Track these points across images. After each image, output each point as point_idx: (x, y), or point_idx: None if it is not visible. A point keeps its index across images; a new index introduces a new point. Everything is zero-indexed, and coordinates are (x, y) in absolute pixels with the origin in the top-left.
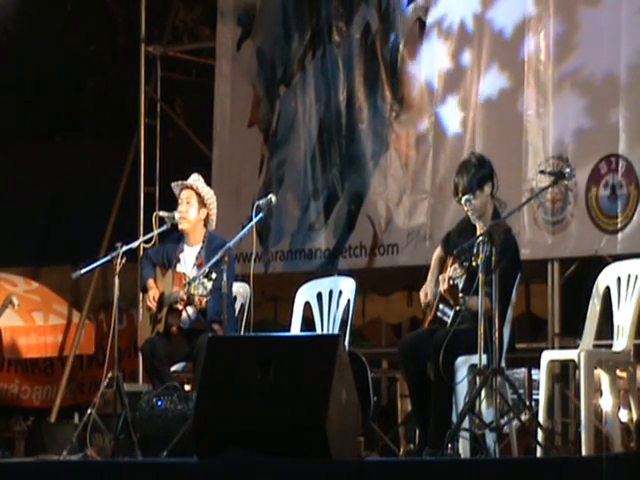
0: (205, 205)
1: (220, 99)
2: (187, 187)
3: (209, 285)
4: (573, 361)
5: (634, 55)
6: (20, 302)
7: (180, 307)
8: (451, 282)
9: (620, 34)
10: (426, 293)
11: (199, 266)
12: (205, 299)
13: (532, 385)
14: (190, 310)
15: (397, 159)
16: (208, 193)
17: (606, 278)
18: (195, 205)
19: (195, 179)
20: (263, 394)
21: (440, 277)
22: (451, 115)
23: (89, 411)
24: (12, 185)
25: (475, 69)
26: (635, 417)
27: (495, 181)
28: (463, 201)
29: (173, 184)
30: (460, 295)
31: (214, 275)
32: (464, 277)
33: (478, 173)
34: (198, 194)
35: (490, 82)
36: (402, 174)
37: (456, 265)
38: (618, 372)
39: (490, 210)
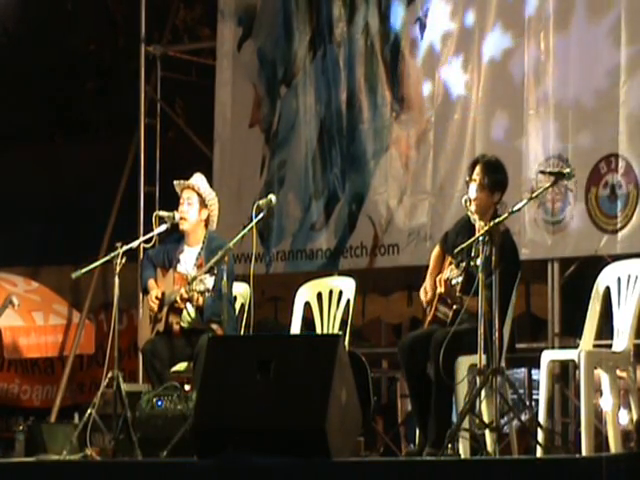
0: (206, 206)
1: (221, 99)
2: (188, 187)
3: (208, 282)
4: (573, 361)
5: (634, 51)
6: (20, 302)
7: (181, 305)
8: (449, 283)
9: (620, 31)
10: (426, 292)
11: (199, 267)
12: (203, 296)
13: (532, 385)
14: (190, 308)
15: (398, 159)
16: (210, 194)
17: (606, 278)
18: (196, 205)
19: (197, 179)
20: (263, 394)
21: (437, 279)
22: (451, 116)
23: (89, 411)
24: (12, 185)
25: (475, 71)
26: (635, 417)
27: (504, 192)
28: (463, 201)
29: (175, 182)
30: (458, 294)
31: (218, 273)
32: (462, 277)
33: (497, 176)
34: (199, 194)
35: (490, 82)
36: (402, 174)
37: (453, 266)
38: (618, 372)
39: (491, 212)
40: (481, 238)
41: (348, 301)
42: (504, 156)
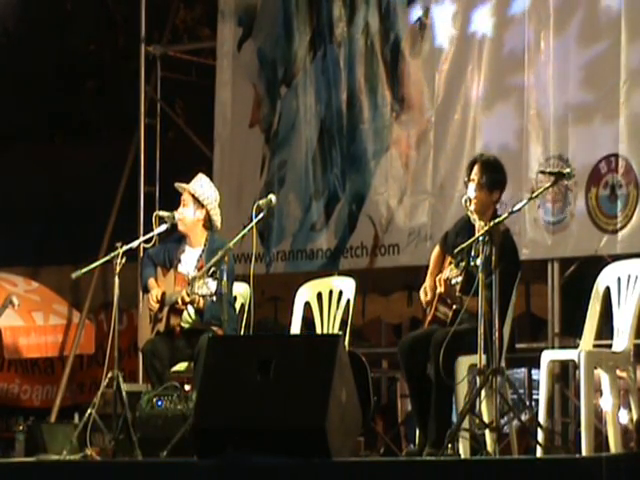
0: (202, 206)
1: (221, 99)
2: (183, 188)
3: (212, 286)
4: (573, 361)
5: (635, 51)
6: (20, 302)
7: (182, 307)
8: (448, 283)
9: (620, 29)
10: (426, 292)
11: (200, 269)
12: (204, 299)
13: (532, 385)
14: (191, 309)
15: (398, 159)
16: (204, 194)
17: (606, 278)
18: (190, 206)
19: (196, 179)
20: (263, 394)
21: (437, 279)
22: (451, 116)
23: (89, 411)
24: (12, 185)
25: (475, 71)
26: (635, 417)
27: (503, 191)
28: (463, 200)
29: (176, 185)
30: (458, 294)
31: (219, 275)
32: (461, 277)
33: (495, 175)
34: (192, 195)
35: (491, 83)
36: (403, 174)
37: (452, 266)
38: (618, 372)
39: (490, 212)
40: (481, 238)
41: (348, 301)
42: (504, 156)
